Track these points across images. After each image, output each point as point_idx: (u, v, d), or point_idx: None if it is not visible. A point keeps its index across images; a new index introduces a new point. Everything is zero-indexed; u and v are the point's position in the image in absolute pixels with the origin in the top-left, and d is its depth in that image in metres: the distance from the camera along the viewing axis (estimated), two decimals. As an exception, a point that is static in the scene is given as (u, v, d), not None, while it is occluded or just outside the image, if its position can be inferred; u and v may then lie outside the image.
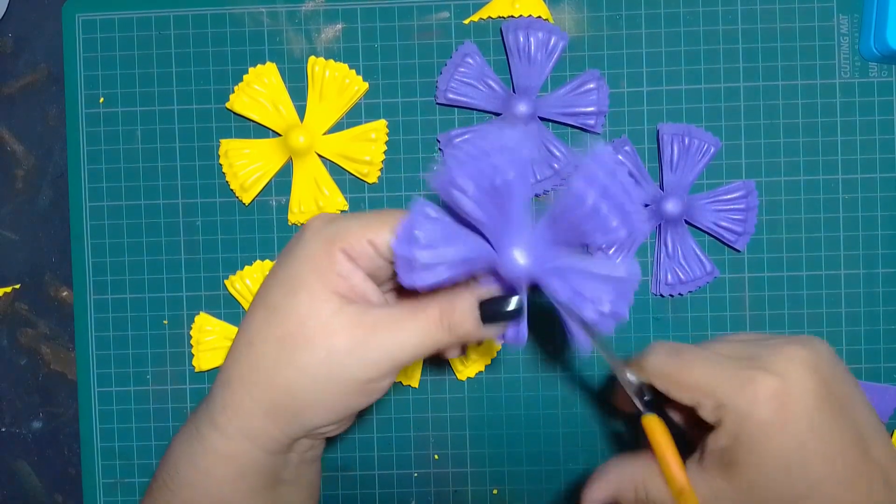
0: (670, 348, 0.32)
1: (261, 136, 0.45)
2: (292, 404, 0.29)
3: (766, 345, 0.31)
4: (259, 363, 0.29)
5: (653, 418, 0.32)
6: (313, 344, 0.28)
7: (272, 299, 0.30)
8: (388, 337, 0.29)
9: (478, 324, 0.29)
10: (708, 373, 0.30)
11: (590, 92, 0.43)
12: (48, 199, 0.46)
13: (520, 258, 0.29)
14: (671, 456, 0.31)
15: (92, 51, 0.45)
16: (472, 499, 0.45)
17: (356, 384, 0.29)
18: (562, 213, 0.28)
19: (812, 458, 0.29)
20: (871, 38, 0.43)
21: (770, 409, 0.29)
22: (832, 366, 0.30)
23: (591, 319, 0.29)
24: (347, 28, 0.45)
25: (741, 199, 0.43)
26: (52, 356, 0.46)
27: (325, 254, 0.29)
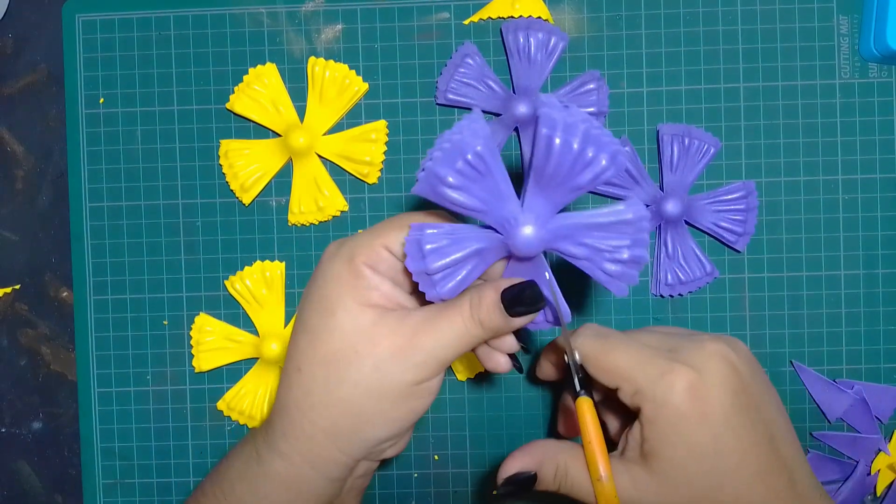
0: (597, 331, 0.33)
1: (261, 137, 0.45)
2: (351, 421, 0.30)
3: (689, 339, 0.32)
4: (311, 386, 0.30)
5: (586, 400, 0.32)
6: (359, 357, 0.29)
7: (311, 322, 0.31)
8: (429, 338, 0.29)
9: (504, 316, 0.30)
10: (628, 358, 0.31)
11: (590, 92, 0.43)
12: (48, 200, 0.46)
13: (525, 231, 0.29)
14: (597, 440, 0.31)
15: (92, 51, 0.45)
16: (472, 499, 0.45)
17: (407, 388, 0.30)
18: (542, 169, 0.28)
19: (725, 451, 0.30)
20: (870, 39, 0.43)
21: (686, 399, 0.30)
22: (749, 365, 0.31)
23: (615, 273, 0.29)
24: (347, 28, 0.45)
25: (741, 199, 0.43)
26: (52, 356, 0.46)
27: (349, 271, 0.30)
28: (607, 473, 0.31)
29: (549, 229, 0.29)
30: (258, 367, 0.45)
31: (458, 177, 0.28)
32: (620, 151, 0.28)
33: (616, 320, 0.45)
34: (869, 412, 0.44)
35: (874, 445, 0.44)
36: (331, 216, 0.45)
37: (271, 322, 0.45)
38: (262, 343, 0.44)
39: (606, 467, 0.31)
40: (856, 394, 0.43)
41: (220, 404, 0.45)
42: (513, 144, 0.44)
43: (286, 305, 0.45)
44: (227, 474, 0.33)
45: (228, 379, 0.45)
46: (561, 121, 0.27)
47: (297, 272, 0.45)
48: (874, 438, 0.44)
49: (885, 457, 0.44)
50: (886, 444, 0.44)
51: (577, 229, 0.29)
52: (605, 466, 0.31)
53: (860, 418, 0.44)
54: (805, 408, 0.44)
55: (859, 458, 0.44)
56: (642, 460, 0.31)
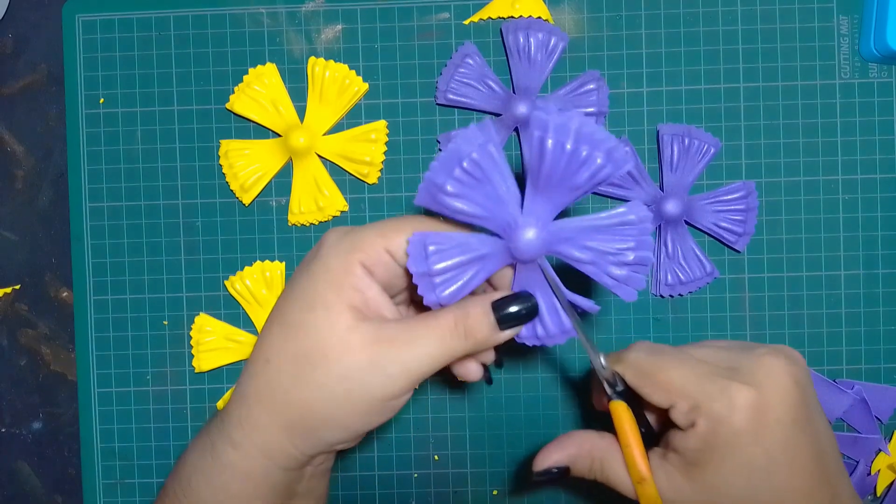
0: (651, 348, 0.33)
1: (261, 137, 0.45)
2: (309, 422, 0.29)
3: (746, 354, 0.31)
4: (276, 380, 0.29)
5: (620, 404, 0.32)
6: (329, 361, 0.28)
7: (289, 315, 0.30)
8: (405, 351, 0.28)
9: (493, 327, 0.29)
10: (687, 376, 0.30)
11: (590, 93, 0.43)
12: (48, 200, 0.46)
13: (526, 234, 0.29)
14: (636, 444, 0.31)
15: (92, 51, 0.45)
16: (472, 499, 0.45)
17: (374, 402, 0.29)
18: (538, 172, 0.28)
19: (778, 468, 0.29)
20: (870, 39, 0.43)
21: (746, 418, 0.29)
22: (806, 380, 0.31)
23: (622, 277, 0.29)
24: (347, 29, 0.45)
25: (741, 199, 0.43)
26: (52, 357, 0.46)
27: (343, 266, 0.29)
28: (649, 478, 0.31)
29: (550, 231, 0.29)
30: (258, 367, 0.45)
31: (457, 184, 0.28)
32: (617, 148, 0.27)
33: (616, 320, 0.45)
34: (869, 412, 0.44)
35: (874, 445, 0.44)
36: (331, 216, 0.45)
37: (271, 322, 0.45)
38: (262, 343, 0.44)
39: (647, 472, 0.31)
40: (856, 394, 0.43)
41: (221, 404, 0.45)
42: (513, 144, 0.44)
43: (286, 305, 0.45)
44: (183, 469, 0.32)
45: (228, 379, 0.45)
46: (552, 122, 0.27)
47: (297, 272, 0.45)
48: (874, 438, 0.44)
49: (885, 457, 0.44)
50: (886, 444, 0.44)
51: (579, 232, 0.29)
52: (646, 470, 0.31)
53: (860, 418, 0.44)
54: (805, 408, 0.44)
55: (859, 458, 0.44)
56: (687, 468, 0.30)
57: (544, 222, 0.29)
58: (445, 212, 0.29)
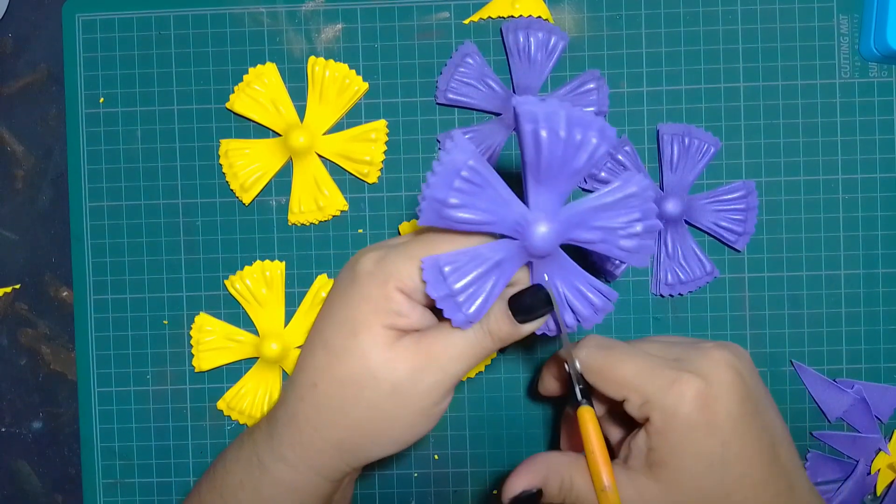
0: (600, 342, 0.33)
1: (261, 137, 0.45)
2: (361, 440, 0.31)
3: (693, 347, 0.32)
4: (326, 404, 0.31)
5: (587, 410, 0.32)
6: (378, 381, 0.30)
7: (332, 340, 0.31)
8: (443, 358, 0.30)
9: (513, 323, 0.30)
10: (635, 369, 0.31)
11: (590, 92, 0.43)
12: (48, 200, 0.46)
13: (539, 229, 0.29)
14: (599, 450, 0.32)
15: (92, 51, 0.45)
16: (472, 499, 0.45)
17: (422, 410, 0.30)
18: (537, 165, 0.28)
19: (733, 459, 0.30)
20: (871, 39, 0.43)
21: (695, 408, 0.30)
22: (752, 371, 0.32)
23: (633, 247, 0.29)
24: (347, 28, 0.45)
25: (741, 199, 0.43)
26: (52, 356, 0.46)
27: (382, 295, 0.30)
28: (611, 483, 0.31)
29: (560, 221, 0.29)
30: (258, 366, 0.45)
31: (459, 195, 0.28)
32: (607, 126, 0.28)
33: (616, 320, 0.45)
34: (869, 412, 0.44)
35: (874, 445, 0.44)
36: (331, 216, 0.45)
37: (271, 322, 0.45)
38: (262, 343, 0.44)
39: (610, 477, 0.31)
40: (856, 393, 0.43)
41: (220, 404, 0.45)
42: (513, 144, 0.44)
43: (286, 305, 0.45)
44: (226, 480, 0.33)
45: (228, 378, 0.46)
46: (541, 112, 0.27)
47: (297, 272, 0.45)
48: (874, 438, 0.44)
49: (885, 456, 0.44)
50: (886, 443, 0.44)
51: (587, 214, 0.29)
52: (608, 476, 0.31)
53: (860, 418, 0.44)
54: (805, 407, 0.44)
55: (859, 457, 0.44)
56: (648, 469, 0.31)
57: (553, 213, 0.29)
58: (453, 225, 0.29)
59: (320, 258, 0.45)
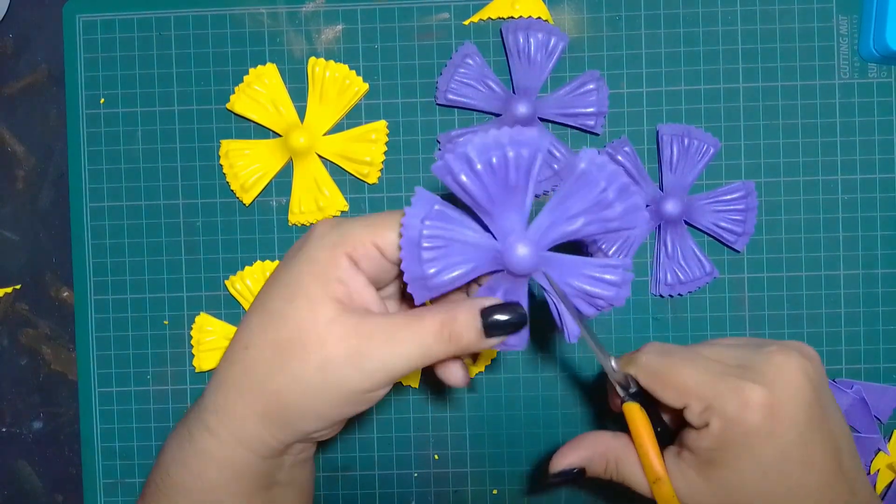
0: (662, 349, 0.33)
1: (261, 137, 0.45)
2: (284, 411, 0.29)
3: (758, 351, 0.31)
4: (254, 368, 0.29)
5: (634, 406, 0.32)
6: (308, 352, 0.28)
7: (271, 304, 0.30)
8: (385, 348, 0.28)
9: (480, 335, 0.29)
10: (699, 376, 0.30)
11: (589, 93, 0.43)
12: (49, 200, 0.46)
13: (519, 252, 0.28)
14: (650, 444, 0.32)
15: (93, 51, 0.45)
16: (472, 499, 0.45)
17: (350, 394, 0.29)
18: (477, 204, 0.28)
19: (793, 466, 0.29)
20: (870, 39, 0.43)
21: (760, 417, 0.29)
22: (820, 374, 0.31)
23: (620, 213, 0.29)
24: (347, 29, 0.45)
25: (740, 199, 0.43)
26: (52, 356, 0.46)
27: (329, 258, 0.29)
28: (665, 477, 0.31)
29: (532, 234, 0.29)
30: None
31: (432, 263, 0.28)
32: (639, 212, 0.28)
33: (616, 320, 0.45)
34: (868, 412, 0.44)
35: (874, 445, 0.44)
36: (331, 216, 0.45)
37: (272, 322, 0.45)
38: (263, 343, 0.44)
39: (663, 471, 0.31)
40: (855, 393, 0.44)
41: (221, 404, 0.45)
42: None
43: (286, 305, 0.45)
44: (163, 458, 0.32)
45: (229, 379, 0.46)
46: (451, 160, 0.27)
47: (298, 272, 0.45)
48: (873, 438, 0.44)
49: (885, 456, 0.44)
50: (886, 443, 0.44)
51: (557, 212, 0.29)
52: (661, 470, 0.31)
53: (859, 418, 0.44)
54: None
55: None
56: (701, 466, 0.30)
57: (522, 232, 0.29)
58: (446, 288, 0.28)
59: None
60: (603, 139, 0.44)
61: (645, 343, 0.34)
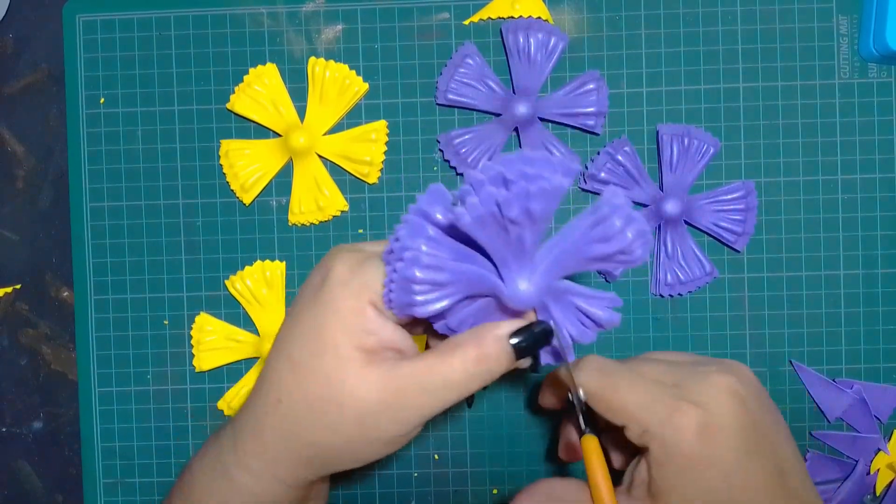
0: (601, 366, 0.32)
1: (261, 137, 0.45)
2: (324, 459, 0.30)
3: (694, 371, 0.31)
4: (290, 420, 0.30)
5: (592, 440, 0.31)
6: (342, 407, 0.29)
7: (298, 356, 0.30)
8: (419, 399, 0.28)
9: (512, 359, 0.29)
10: (635, 397, 0.30)
11: (589, 93, 0.43)
12: (49, 200, 0.46)
13: (523, 287, 0.28)
14: (603, 480, 0.31)
15: (93, 51, 0.45)
16: (472, 498, 0.45)
17: (388, 440, 0.30)
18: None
19: (736, 491, 0.29)
20: (870, 39, 0.43)
21: (695, 441, 0.29)
22: (757, 395, 0.30)
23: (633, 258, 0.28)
24: (347, 29, 0.45)
25: (740, 199, 0.43)
26: (52, 356, 0.46)
27: (354, 309, 0.29)
28: None
29: (539, 277, 0.29)
30: (259, 366, 0.45)
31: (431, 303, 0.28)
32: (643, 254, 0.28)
33: (616, 320, 0.45)
34: (868, 412, 0.44)
35: (873, 445, 0.44)
36: (331, 216, 0.45)
37: (272, 322, 0.45)
38: (263, 343, 0.44)
39: None
40: (855, 393, 0.44)
41: (221, 404, 0.45)
42: (512, 145, 0.44)
43: (286, 305, 0.45)
44: (193, 489, 0.33)
45: (229, 378, 0.46)
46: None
47: (298, 272, 0.45)
48: (873, 438, 0.44)
49: (885, 456, 0.44)
50: (886, 443, 0.44)
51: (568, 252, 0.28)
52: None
53: (859, 418, 0.44)
54: (804, 407, 0.45)
55: (858, 457, 0.44)
56: (650, 499, 0.30)
57: (543, 284, 0.29)
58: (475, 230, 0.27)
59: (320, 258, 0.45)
60: (603, 139, 0.44)
61: (587, 356, 0.33)
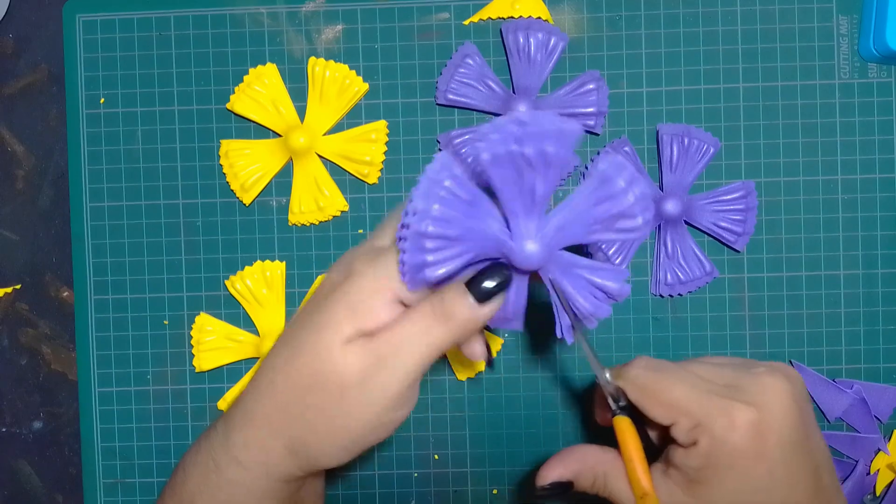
0: (652, 364, 0.32)
1: (261, 137, 0.45)
2: (310, 444, 0.30)
3: (745, 371, 0.32)
4: (281, 403, 0.30)
5: (625, 420, 0.32)
6: (326, 382, 0.28)
7: (297, 337, 0.30)
8: (393, 359, 0.28)
9: (472, 305, 0.28)
10: (688, 394, 0.31)
11: (589, 92, 0.43)
12: (49, 200, 0.46)
13: (530, 247, 0.28)
14: (638, 459, 0.31)
15: (93, 51, 0.45)
16: (472, 498, 0.45)
17: (374, 416, 0.29)
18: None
19: (779, 486, 0.30)
20: (870, 39, 0.43)
21: (747, 438, 0.29)
22: (804, 396, 0.31)
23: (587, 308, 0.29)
24: (348, 29, 0.45)
25: (740, 199, 0.43)
26: (52, 356, 0.46)
27: (366, 292, 0.29)
28: (651, 494, 0.31)
29: (545, 236, 0.29)
30: (258, 366, 0.45)
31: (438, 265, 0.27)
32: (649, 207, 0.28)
33: (616, 319, 0.45)
34: (868, 412, 0.44)
35: (873, 445, 0.44)
36: (331, 216, 0.45)
37: (272, 322, 0.45)
38: (263, 343, 0.44)
39: (650, 487, 0.31)
40: (855, 393, 0.44)
41: (221, 404, 0.45)
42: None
43: (287, 305, 0.45)
44: (185, 487, 0.32)
45: (229, 378, 0.46)
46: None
47: (298, 272, 0.45)
48: (873, 438, 0.44)
49: (885, 456, 0.44)
50: (886, 443, 0.44)
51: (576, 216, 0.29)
52: (648, 486, 0.31)
53: (859, 418, 0.44)
54: (804, 407, 0.45)
55: (859, 457, 0.44)
56: (687, 484, 0.31)
57: (552, 246, 0.29)
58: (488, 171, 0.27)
59: (320, 258, 0.45)
60: (603, 139, 0.44)
61: (637, 356, 0.34)
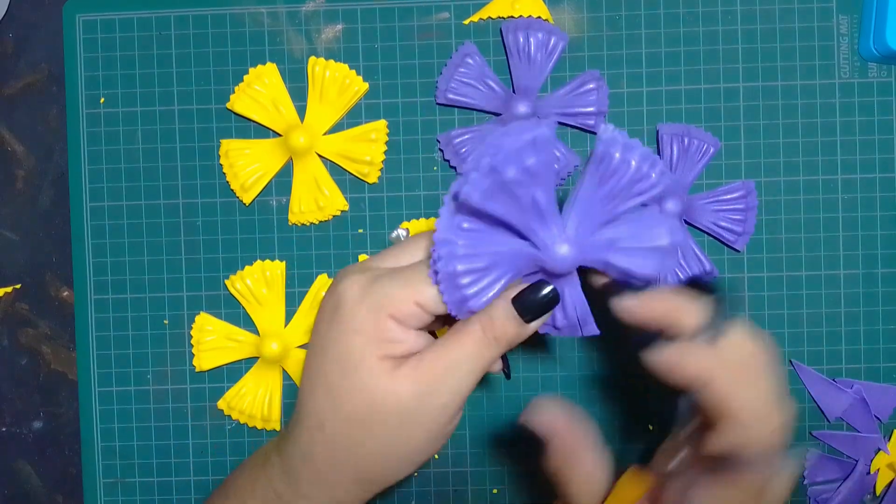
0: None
1: (261, 137, 0.45)
2: (377, 471, 0.31)
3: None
4: (338, 442, 0.31)
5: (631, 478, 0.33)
6: (384, 414, 0.30)
7: (331, 379, 0.30)
8: (447, 381, 0.29)
9: (519, 323, 0.30)
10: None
11: (589, 92, 0.43)
12: (49, 200, 0.46)
13: (562, 250, 0.29)
14: None
15: (92, 51, 0.45)
16: (472, 498, 0.45)
17: (433, 433, 0.30)
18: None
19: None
20: (870, 39, 0.43)
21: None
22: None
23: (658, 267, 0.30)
24: (348, 28, 0.45)
25: (740, 199, 0.43)
26: (52, 356, 0.46)
27: (375, 325, 0.30)
28: None
29: (585, 245, 0.29)
30: (258, 366, 0.45)
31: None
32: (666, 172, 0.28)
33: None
34: (868, 411, 0.44)
35: (873, 444, 0.44)
36: (331, 216, 0.45)
37: (272, 321, 0.45)
38: (263, 342, 0.44)
39: None
40: (855, 393, 0.44)
41: (221, 403, 0.45)
42: (513, 144, 0.44)
43: (286, 305, 0.45)
44: None
45: (229, 378, 0.46)
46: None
47: (298, 272, 0.45)
48: (873, 438, 0.44)
49: (885, 456, 0.44)
50: (886, 443, 0.44)
51: (616, 242, 0.29)
52: None
53: (859, 417, 0.44)
54: (804, 407, 0.44)
55: (859, 457, 0.44)
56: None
57: (580, 241, 0.29)
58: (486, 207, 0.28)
59: (320, 258, 0.45)
60: (603, 139, 0.44)
61: None
